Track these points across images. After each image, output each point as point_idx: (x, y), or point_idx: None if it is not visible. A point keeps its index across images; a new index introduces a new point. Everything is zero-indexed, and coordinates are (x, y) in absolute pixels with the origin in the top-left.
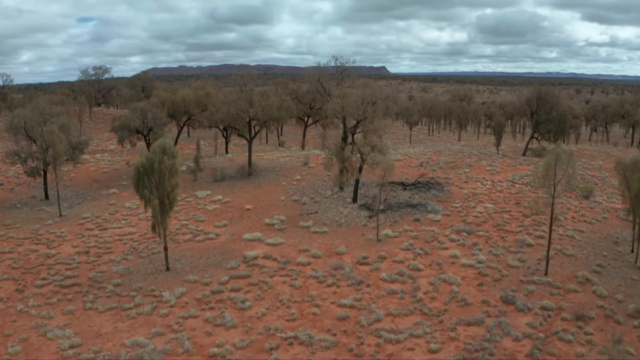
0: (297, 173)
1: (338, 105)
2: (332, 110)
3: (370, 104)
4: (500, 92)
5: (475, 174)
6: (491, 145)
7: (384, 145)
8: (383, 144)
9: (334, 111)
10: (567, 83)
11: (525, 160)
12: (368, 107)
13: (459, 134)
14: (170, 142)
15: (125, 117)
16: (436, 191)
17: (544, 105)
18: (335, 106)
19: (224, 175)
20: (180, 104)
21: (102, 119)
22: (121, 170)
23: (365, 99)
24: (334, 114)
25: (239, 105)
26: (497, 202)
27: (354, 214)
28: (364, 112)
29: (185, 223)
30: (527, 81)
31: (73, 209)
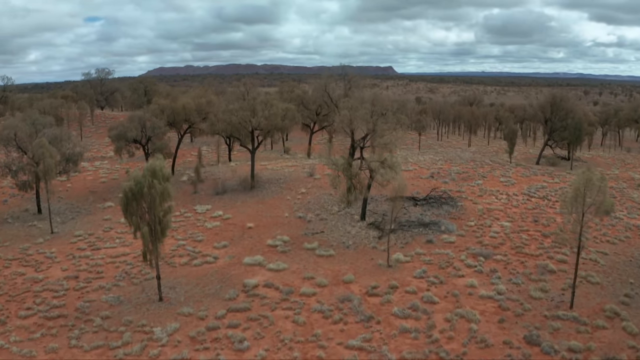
0: (302, 185)
1: (346, 118)
2: (339, 124)
3: (380, 115)
4: (508, 92)
5: (489, 187)
6: (502, 151)
7: (395, 161)
8: (394, 159)
9: (341, 124)
10: (575, 84)
11: (539, 170)
12: (378, 120)
13: (469, 139)
14: (161, 163)
15: (122, 126)
16: (449, 207)
17: (558, 112)
18: (343, 119)
19: (225, 187)
20: (181, 112)
21: (104, 122)
22: (120, 179)
23: (375, 111)
24: (342, 127)
25: (240, 114)
26: (514, 220)
27: (362, 233)
28: (374, 125)
29: (182, 243)
30: (534, 82)
31: (66, 225)
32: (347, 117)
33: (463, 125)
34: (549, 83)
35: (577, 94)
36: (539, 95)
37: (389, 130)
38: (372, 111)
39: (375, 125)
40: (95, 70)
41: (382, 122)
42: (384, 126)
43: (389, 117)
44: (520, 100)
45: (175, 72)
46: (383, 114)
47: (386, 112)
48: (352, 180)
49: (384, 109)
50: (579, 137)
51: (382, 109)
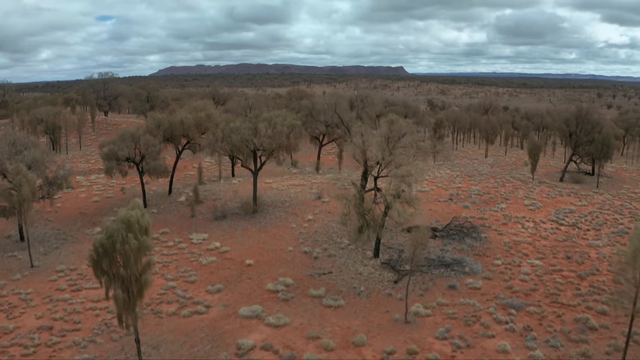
0: (309, 210)
1: (359, 146)
2: (351, 152)
3: (397, 139)
4: (520, 95)
5: (513, 212)
6: (521, 163)
7: (414, 196)
8: (413, 194)
9: (353, 153)
10: (587, 86)
11: (564, 189)
12: (395, 146)
13: (486, 149)
14: (138, 211)
15: (113, 144)
16: (472, 240)
17: (584, 125)
18: (356, 147)
19: (225, 211)
20: (178, 127)
21: (105, 129)
22: (114, 198)
23: (392, 137)
24: (354, 155)
25: (242, 133)
26: (544, 256)
27: (375, 275)
28: (390, 155)
29: (172, 285)
30: (546, 83)
31: (48, 257)
32: (360, 146)
33: (479, 133)
34: (561, 85)
35: (590, 96)
36: (551, 98)
37: (407, 159)
38: (388, 137)
39: (391, 154)
40: (99, 73)
41: (399, 151)
42: (402, 156)
43: (407, 142)
44: (533, 102)
45: (186, 72)
46: (402, 136)
47: (404, 135)
48: (366, 217)
49: (400, 132)
50: (607, 153)
51: (399, 133)
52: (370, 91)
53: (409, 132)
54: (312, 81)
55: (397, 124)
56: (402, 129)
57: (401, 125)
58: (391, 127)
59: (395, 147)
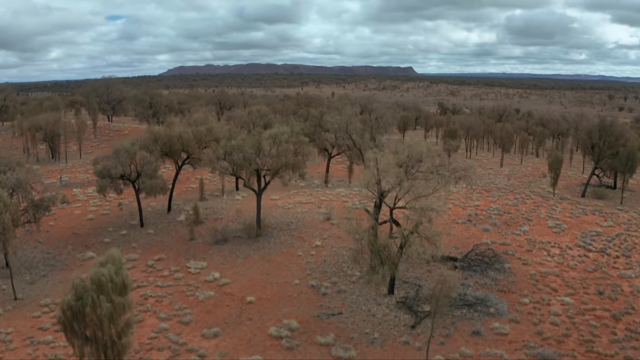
0: (317, 234)
1: (373, 176)
2: (365, 181)
3: (415, 165)
4: (531, 96)
5: (537, 235)
6: (539, 174)
7: (436, 233)
8: (434, 232)
9: (367, 183)
10: (597, 87)
11: (588, 206)
12: (414, 174)
13: (501, 158)
14: (112, 267)
15: (106, 160)
16: (495, 272)
17: (607, 138)
18: (369, 178)
19: (226, 234)
20: (177, 141)
21: (108, 135)
22: (110, 215)
23: (410, 162)
24: (368, 186)
25: (244, 152)
26: (574, 291)
27: (390, 317)
28: (409, 183)
29: (165, 327)
30: (557, 85)
31: (34, 286)
32: (375, 175)
33: (493, 140)
34: (572, 86)
35: (601, 98)
36: (562, 99)
37: (428, 189)
38: (406, 166)
39: (410, 185)
40: (102, 78)
41: (419, 179)
42: (422, 187)
43: (427, 167)
44: (543, 104)
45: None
46: (419, 160)
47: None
48: (381, 254)
49: (419, 158)
50: (632, 168)
51: (418, 158)
52: (386, 110)
53: (429, 156)
54: (321, 82)
55: (416, 149)
56: (422, 154)
57: (421, 151)
58: (410, 153)
59: (415, 175)
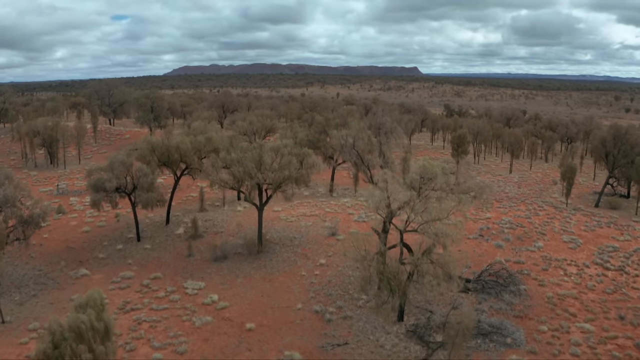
0: (321, 251)
1: (383, 200)
2: (374, 204)
3: (428, 184)
4: (537, 97)
5: (552, 252)
6: (549, 181)
7: (450, 260)
8: (448, 258)
9: (375, 205)
10: (603, 88)
11: (603, 218)
12: (427, 196)
13: (510, 164)
14: (93, 312)
15: (101, 171)
16: (511, 295)
17: (622, 146)
18: (379, 200)
19: (226, 251)
20: (174, 152)
21: (108, 139)
22: (107, 227)
23: (424, 181)
24: (377, 210)
25: (244, 166)
26: (594, 316)
27: (400, 348)
28: (421, 204)
29: (158, 358)
30: (562, 85)
31: (23, 308)
32: (385, 199)
33: (501, 145)
34: (577, 87)
35: (607, 99)
36: (568, 100)
37: (442, 211)
38: (419, 188)
39: (423, 207)
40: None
41: (432, 199)
42: (435, 210)
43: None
44: (550, 105)
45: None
46: (430, 178)
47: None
48: (390, 283)
49: (431, 172)
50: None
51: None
52: (397, 126)
53: (445, 175)
54: (326, 82)
55: (430, 169)
56: (436, 175)
57: (435, 172)
58: (423, 173)
59: (427, 195)
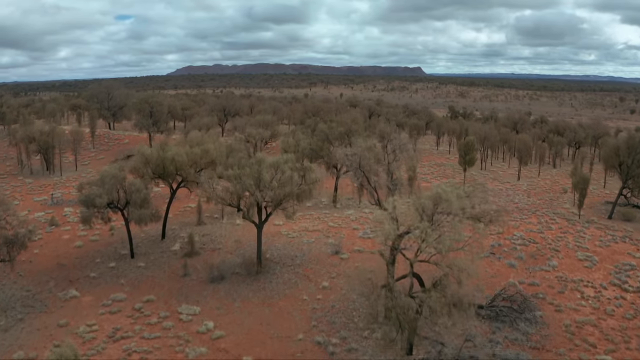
0: (324, 271)
1: (392, 229)
2: (382, 237)
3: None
4: (541, 98)
5: (568, 272)
6: (559, 189)
7: (464, 296)
8: (463, 295)
9: (385, 239)
10: (607, 89)
11: (617, 232)
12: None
13: (519, 171)
14: None
15: (91, 186)
16: (526, 323)
17: (637, 156)
18: (388, 234)
19: (223, 271)
20: (169, 164)
21: (107, 144)
22: (100, 242)
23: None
24: (385, 242)
25: (243, 182)
26: (615, 346)
27: None
28: (434, 233)
29: None
30: (567, 86)
31: (8, 335)
32: (395, 231)
33: (508, 150)
34: (581, 87)
35: (612, 100)
36: (573, 101)
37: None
38: (432, 221)
39: (437, 236)
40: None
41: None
42: (449, 240)
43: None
44: (554, 106)
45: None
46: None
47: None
48: (400, 318)
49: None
50: None
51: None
52: (407, 144)
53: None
54: (330, 82)
55: (445, 200)
56: (451, 204)
57: (451, 201)
58: (436, 201)
59: (441, 222)
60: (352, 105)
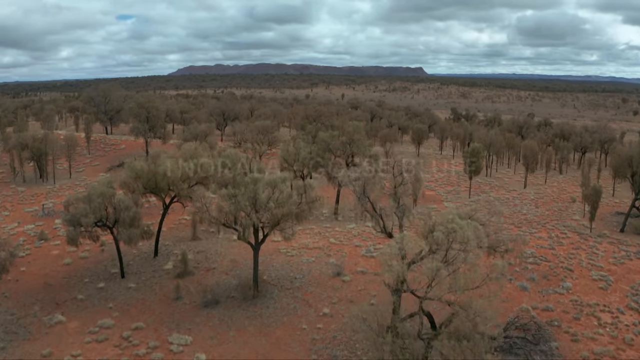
0: (325, 296)
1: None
2: (393, 275)
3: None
4: (543, 99)
5: (582, 295)
6: (567, 198)
7: (479, 342)
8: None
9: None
10: (610, 89)
11: (631, 248)
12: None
13: (525, 178)
14: None
15: (77, 207)
16: (542, 356)
17: None
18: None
19: (217, 295)
20: (161, 179)
21: (103, 150)
22: (90, 259)
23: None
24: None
25: (238, 203)
26: None
27: None
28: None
29: None
30: (569, 87)
31: None
32: (405, 271)
33: (514, 155)
34: (583, 88)
35: (614, 101)
36: (575, 103)
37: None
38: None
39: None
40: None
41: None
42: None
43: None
44: (557, 107)
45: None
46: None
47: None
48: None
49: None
50: None
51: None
52: (415, 165)
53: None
54: (331, 82)
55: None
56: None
57: (467, 236)
58: (451, 237)
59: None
60: (353, 107)
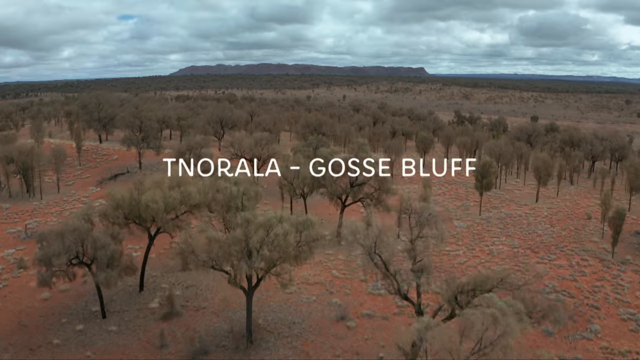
0: (327, 346)
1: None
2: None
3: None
4: (546, 100)
5: (612, 339)
6: (582, 213)
7: None
8: None
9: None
10: (612, 90)
11: None
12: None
13: (537, 192)
14: None
15: (49, 245)
16: None
17: None
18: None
19: (207, 344)
20: (144, 210)
21: (95, 161)
22: (70, 292)
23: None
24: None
25: (230, 249)
26: None
27: None
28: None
29: None
30: (571, 87)
31: None
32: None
33: (523, 165)
34: (586, 89)
35: (617, 102)
36: (578, 104)
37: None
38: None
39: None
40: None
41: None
42: None
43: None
44: (560, 109)
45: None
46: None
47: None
48: None
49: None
50: None
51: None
52: (435, 215)
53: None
54: (332, 83)
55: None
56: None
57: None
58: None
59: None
60: (355, 110)
